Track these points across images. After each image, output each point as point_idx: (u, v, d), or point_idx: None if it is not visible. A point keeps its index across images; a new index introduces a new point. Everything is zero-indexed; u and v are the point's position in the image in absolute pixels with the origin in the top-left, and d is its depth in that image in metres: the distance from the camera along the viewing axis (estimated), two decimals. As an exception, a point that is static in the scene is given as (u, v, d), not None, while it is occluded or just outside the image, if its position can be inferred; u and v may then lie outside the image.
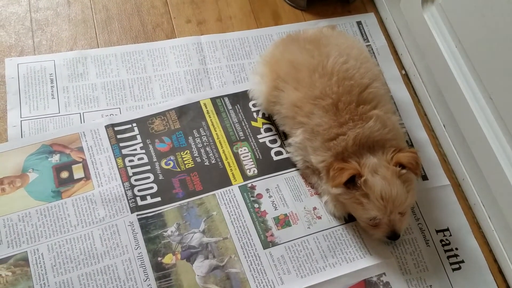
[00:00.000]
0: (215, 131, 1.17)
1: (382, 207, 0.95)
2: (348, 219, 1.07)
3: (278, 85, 1.08)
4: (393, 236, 0.99)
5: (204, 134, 1.17)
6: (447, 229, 1.09)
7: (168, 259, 1.01)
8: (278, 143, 1.16)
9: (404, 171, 0.96)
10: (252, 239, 1.04)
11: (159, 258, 1.01)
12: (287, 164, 1.13)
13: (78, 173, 1.10)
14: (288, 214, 1.07)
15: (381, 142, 0.99)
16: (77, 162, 1.11)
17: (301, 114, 1.04)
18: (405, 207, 0.97)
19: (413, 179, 0.98)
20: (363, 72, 1.04)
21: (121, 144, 1.14)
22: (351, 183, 0.96)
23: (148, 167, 1.11)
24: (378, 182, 0.94)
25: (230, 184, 1.10)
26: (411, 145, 1.19)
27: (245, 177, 1.11)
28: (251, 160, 1.14)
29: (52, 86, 1.22)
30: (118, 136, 1.15)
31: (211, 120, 1.19)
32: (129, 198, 1.07)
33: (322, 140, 1.01)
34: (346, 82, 1.01)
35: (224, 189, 1.09)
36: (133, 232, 1.03)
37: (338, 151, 0.99)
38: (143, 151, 1.14)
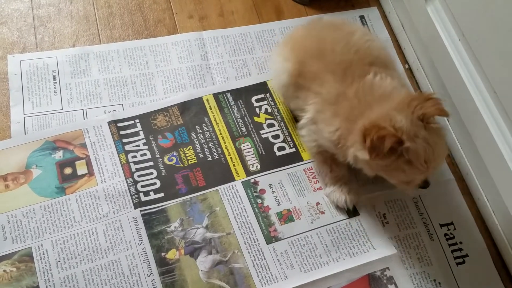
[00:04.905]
0: (218, 126, 1.17)
1: (425, 169, 0.91)
2: (352, 214, 1.07)
3: (303, 60, 1.06)
4: (424, 185, 0.97)
5: (207, 129, 1.17)
6: (451, 223, 1.08)
7: (172, 255, 1.01)
8: (281, 138, 1.16)
9: (438, 125, 0.92)
10: (255, 234, 1.04)
11: (163, 254, 1.01)
12: (290, 159, 1.13)
13: (81, 169, 1.10)
14: (291, 209, 1.07)
15: (387, 95, 0.96)
16: (81, 158, 1.11)
17: (316, 83, 1.02)
18: (441, 162, 0.96)
19: (443, 128, 0.94)
20: (384, 54, 1.05)
21: (124, 140, 1.14)
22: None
23: (151, 163, 1.11)
24: (422, 147, 0.89)
25: (233, 179, 1.10)
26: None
27: (248, 172, 1.11)
28: (254, 155, 1.14)
29: (54, 83, 1.22)
30: (121, 132, 1.15)
31: (213, 115, 1.19)
32: (132, 194, 1.07)
33: (328, 105, 0.99)
34: (363, 54, 1.01)
35: (227, 185, 1.09)
36: (137, 228, 1.03)
37: (346, 114, 0.96)
38: (146, 147, 1.14)
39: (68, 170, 1.10)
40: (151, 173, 1.10)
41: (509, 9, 0.90)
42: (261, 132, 1.17)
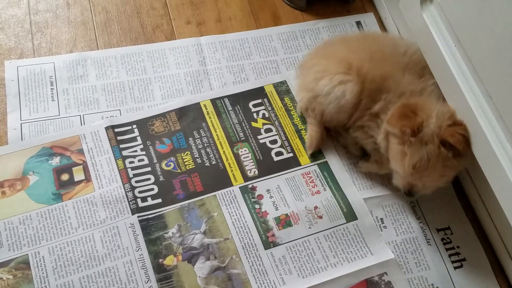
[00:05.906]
0: (216, 132, 1.17)
1: (408, 172, 0.96)
2: (354, 217, 1.07)
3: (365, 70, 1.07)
4: (408, 192, 1.01)
5: (205, 135, 1.17)
6: (448, 228, 1.09)
7: (169, 261, 1.01)
8: (279, 144, 1.16)
9: (449, 154, 0.94)
10: (253, 240, 1.04)
11: (160, 260, 1.01)
12: (288, 164, 1.13)
13: (78, 175, 1.10)
14: (289, 214, 1.07)
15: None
16: (78, 164, 1.11)
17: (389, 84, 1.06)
18: (431, 186, 0.99)
19: (457, 168, 0.98)
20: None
21: (121, 146, 1.14)
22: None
23: (149, 169, 1.11)
24: (421, 154, 0.93)
25: (230, 185, 1.10)
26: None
27: (246, 178, 1.11)
28: (252, 160, 1.14)
29: (52, 89, 1.22)
30: (118, 138, 1.15)
31: (211, 121, 1.19)
32: (129, 199, 1.07)
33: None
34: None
35: (224, 190, 1.09)
36: (134, 234, 1.03)
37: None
38: (144, 152, 1.14)
39: (65, 176, 1.09)
40: (149, 179, 1.10)
41: (505, 15, 0.91)
42: (259, 137, 1.17)
